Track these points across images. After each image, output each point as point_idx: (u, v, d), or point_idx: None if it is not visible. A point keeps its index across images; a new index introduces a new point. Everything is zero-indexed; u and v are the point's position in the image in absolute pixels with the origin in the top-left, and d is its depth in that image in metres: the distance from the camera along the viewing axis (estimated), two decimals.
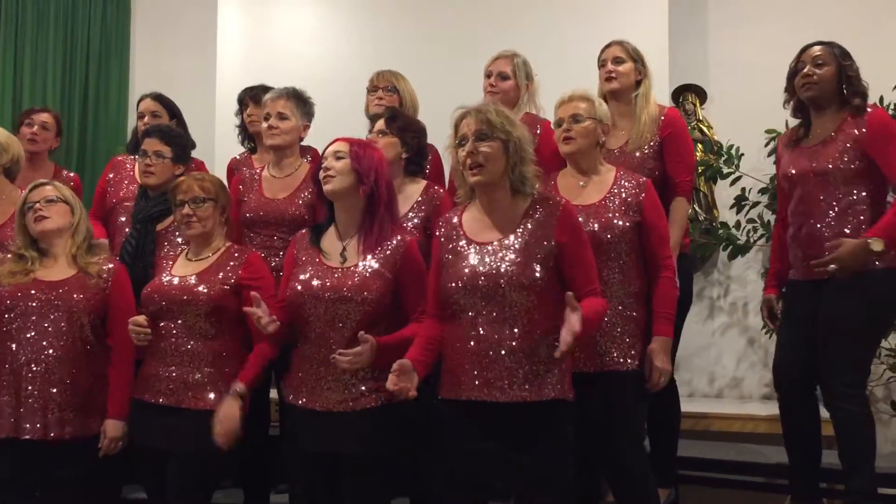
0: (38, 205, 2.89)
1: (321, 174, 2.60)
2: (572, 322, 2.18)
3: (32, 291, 2.84)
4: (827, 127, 3.01)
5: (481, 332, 2.34)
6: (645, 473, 2.79)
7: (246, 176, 3.41)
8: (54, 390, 2.78)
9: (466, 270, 2.38)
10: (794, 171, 3.06)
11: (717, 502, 3.83)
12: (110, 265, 2.94)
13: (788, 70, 3.11)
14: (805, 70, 3.02)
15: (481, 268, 2.36)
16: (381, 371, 2.49)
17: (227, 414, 2.62)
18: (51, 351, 2.80)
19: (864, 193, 2.92)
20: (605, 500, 3.26)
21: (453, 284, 2.39)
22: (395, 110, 3.24)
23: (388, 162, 2.91)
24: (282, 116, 3.27)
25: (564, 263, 2.37)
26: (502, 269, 2.34)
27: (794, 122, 3.19)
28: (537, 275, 2.33)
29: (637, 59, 3.26)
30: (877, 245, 2.75)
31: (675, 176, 3.18)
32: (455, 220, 2.52)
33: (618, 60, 3.25)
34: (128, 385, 2.84)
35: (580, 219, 2.54)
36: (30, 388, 2.77)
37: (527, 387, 2.32)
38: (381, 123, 3.08)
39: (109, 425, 2.82)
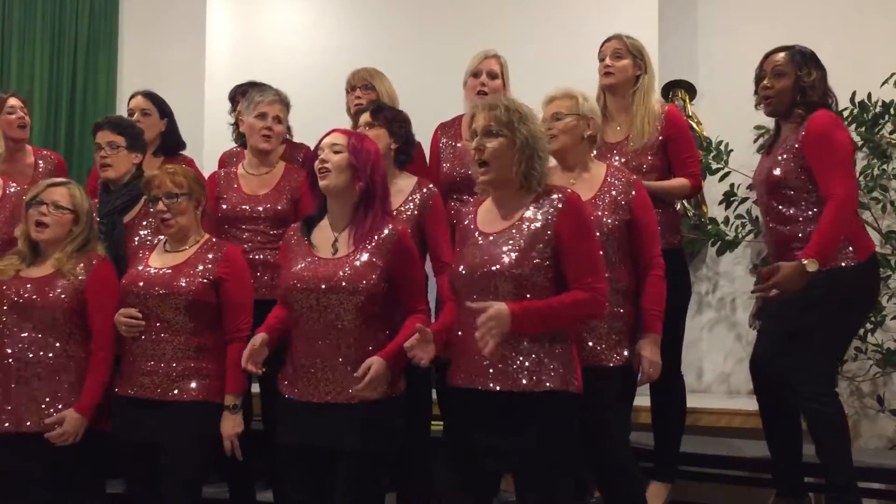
0: (44, 208, 2.86)
1: (317, 166, 2.57)
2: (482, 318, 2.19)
3: (9, 288, 2.84)
4: (785, 135, 3.05)
5: (475, 320, 2.28)
6: (631, 468, 2.80)
7: (222, 175, 3.42)
8: (26, 386, 2.78)
9: (469, 259, 2.39)
10: (754, 179, 3.15)
11: (705, 496, 3.86)
12: (93, 261, 2.89)
13: (755, 75, 3.12)
14: (764, 81, 3.05)
15: (480, 258, 2.36)
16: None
17: (230, 432, 2.73)
18: (23, 346, 2.80)
19: (817, 194, 2.93)
20: (592, 497, 3.28)
21: (457, 272, 2.41)
22: (378, 103, 3.25)
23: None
24: (279, 120, 3.32)
25: (562, 254, 2.33)
26: (499, 260, 2.32)
27: None
28: (533, 267, 2.31)
29: (637, 54, 3.24)
30: (812, 266, 2.79)
31: (683, 172, 3.20)
32: (471, 209, 2.54)
33: (616, 55, 3.23)
34: (101, 383, 2.81)
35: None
36: (6, 382, 2.79)
37: (519, 377, 2.29)
38: (366, 117, 3.09)
39: (68, 416, 2.75)
